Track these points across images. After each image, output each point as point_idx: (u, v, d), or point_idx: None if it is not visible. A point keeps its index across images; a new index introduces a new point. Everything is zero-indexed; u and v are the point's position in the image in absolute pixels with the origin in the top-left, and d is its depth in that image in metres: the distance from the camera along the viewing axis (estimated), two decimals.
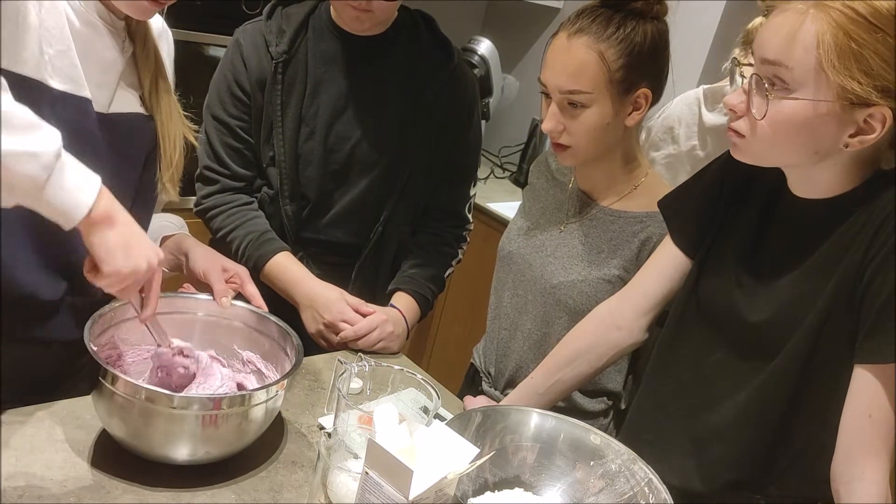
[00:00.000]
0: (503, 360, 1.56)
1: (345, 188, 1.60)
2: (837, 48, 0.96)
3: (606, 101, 1.34)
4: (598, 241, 1.44)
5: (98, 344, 1.11)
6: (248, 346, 1.29)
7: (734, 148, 1.10)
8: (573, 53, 1.32)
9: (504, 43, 3.16)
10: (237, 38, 1.58)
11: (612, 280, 1.41)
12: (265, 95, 1.55)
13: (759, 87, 1.02)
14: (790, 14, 0.99)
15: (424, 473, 0.89)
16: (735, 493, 1.18)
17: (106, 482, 1.04)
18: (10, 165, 0.87)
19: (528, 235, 1.53)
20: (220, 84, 1.58)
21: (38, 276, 1.13)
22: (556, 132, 1.37)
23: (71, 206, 0.93)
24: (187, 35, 2.36)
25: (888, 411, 1.02)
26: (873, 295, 1.01)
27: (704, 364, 1.20)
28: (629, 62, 1.32)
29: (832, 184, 1.07)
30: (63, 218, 0.94)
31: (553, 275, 1.46)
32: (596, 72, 1.31)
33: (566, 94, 1.34)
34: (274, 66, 1.53)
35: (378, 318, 1.54)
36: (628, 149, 1.45)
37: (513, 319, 1.54)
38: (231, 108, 1.57)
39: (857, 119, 0.99)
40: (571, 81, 1.33)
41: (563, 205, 1.51)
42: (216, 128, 1.58)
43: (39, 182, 0.90)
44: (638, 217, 1.43)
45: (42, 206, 0.92)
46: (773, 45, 1.00)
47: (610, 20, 1.32)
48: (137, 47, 1.18)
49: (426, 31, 1.62)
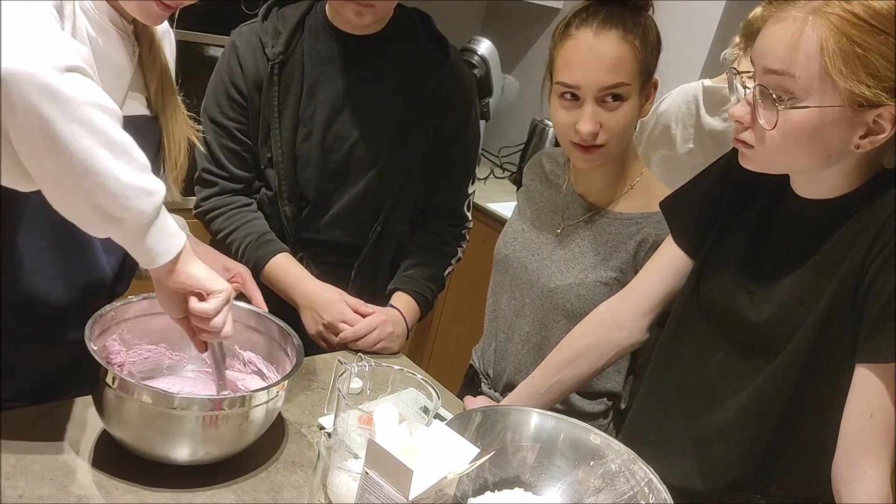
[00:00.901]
0: (501, 362, 1.56)
1: (343, 188, 1.60)
2: (842, 54, 0.95)
3: (636, 94, 1.34)
4: (595, 243, 1.44)
5: (98, 344, 1.11)
6: (248, 347, 1.28)
7: (743, 157, 1.09)
8: (607, 48, 1.30)
9: (504, 43, 3.16)
10: (233, 40, 1.58)
11: (609, 282, 1.41)
12: (262, 97, 1.54)
13: (765, 98, 1.01)
14: (789, 22, 0.98)
15: (424, 473, 0.89)
16: (736, 493, 1.17)
17: (106, 482, 1.04)
18: (129, 196, 0.90)
19: (524, 239, 1.53)
20: (216, 87, 1.58)
21: (53, 281, 1.15)
22: (594, 133, 1.33)
23: (163, 249, 0.98)
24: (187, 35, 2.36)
25: (889, 411, 1.02)
26: (875, 295, 1.01)
27: (705, 364, 1.20)
28: (648, 54, 1.33)
29: (836, 184, 1.07)
30: (149, 257, 0.98)
31: (550, 278, 1.45)
32: (632, 63, 1.31)
33: (608, 89, 1.31)
34: (270, 67, 1.53)
35: (378, 319, 1.54)
36: (626, 150, 1.44)
37: (510, 323, 1.54)
38: (228, 111, 1.57)
39: (867, 120, 0.98)
40: (612, 76, 1.30)
41: (557, 207, 1.51)
42: (214, 130, 1.58)
43: (148, 220, 0.94)
44: (633, 218, 1.42)
45: (136, 243, 0.96)
46: (774, 54, 0.99)
47: (624, 14, 1.32)
48: (143, 50, 1.18)
49: (422, 29, 1.62)
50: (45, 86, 0.83)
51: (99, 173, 0.88)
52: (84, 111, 0.86)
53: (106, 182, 0.89)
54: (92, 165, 0.87)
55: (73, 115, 0.85)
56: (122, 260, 1.24)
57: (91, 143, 0.87)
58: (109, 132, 0.89)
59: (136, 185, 0.91)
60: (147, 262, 0.99)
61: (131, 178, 0.90)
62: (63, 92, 0.84)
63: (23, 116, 0.83)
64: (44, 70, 0.83)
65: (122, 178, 0.90)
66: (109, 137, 0.89)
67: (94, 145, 0.87)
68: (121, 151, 0.90)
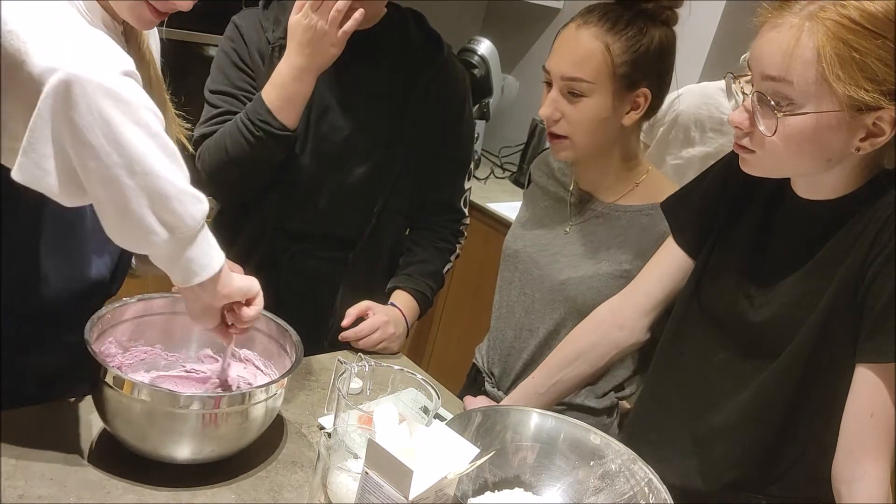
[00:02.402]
0: (508, 359, 1.56)
1: (336, 179, 1.60)
2: (840, 59, 0.94)
3: (606, 95, 1.34)
4: (606, 237, 1.44)
5: (96, 346, 1.11)
6: (246, 345, 1.28)
7: (744, 162, 1.09)
8: (580, 42, 1.34)
9: (504, 43, 3.15)
10: (235, 21, 1.59)
11: (624, 275, 1.41)
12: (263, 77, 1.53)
13: (763, 105, 1.01)
14: (785, 28, 0.98)
15: (424, 473, 0.89)
16: (737, 493, 1.17)
17: (106, 482, 1.04)
18: (184, 202, 0.91)
19: (533, 235, 1.53)
20: (222, 61, 1.57)
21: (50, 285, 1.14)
22: (553, 119, 1.38)
23: (207, 262, 0.98)
24: (187, 35, 2.36)
25: (889, 411, 1.02)
26: (875, 295, 1.01)
27: (706, 364, 1.20)
28: (634, 60, 1.33)
29: (837, 185, 1.07)
30: (191, 271, 0.97)
31: (561, 272, 1.46)
32: (599, 62, 1.33)
33: (568, 80, 1.35)
34: (270, 49, 1.54)
35: (379, 320, 1.54)
36: (627, 148, 1.45)
37: (520, 318, 1.53)
38: (237, 80, 1.55)
39: (867, 123, 0.98)
40: (574, 69, 1.34)
41: (565, 204, 1.51)
42: (221, 100, 1.55)
43: (196, 228, 0.94)
44: (643, 210, 1.43)
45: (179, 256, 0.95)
46: (771, 61, 0.99)
47: (620, 17, 1.34)
48: (132, 49, 1.18)
49: (415, 27, 1.63)
50: (109, 88, 0.85)
51: (158, 175, 0.89)
52: (142, 114, 0.88)
53: (163, 185, 0.90)
54: (151, 166, 0.88)
55: (134, 117, 0.87)
56: (117, 260, 1.24)
57: (150, 145, 0.88)
58: (163, 137, 0.90)
59: (189, 191, 0.92)
60: (188, 276, 0.98)
61: (183, 182, 0.92)
62: (125, 95, 0.86)
63: (87, 118, 0.84)
64: (108, 73, 0.85)
65: (176, 182, 0.91)
66: (164, 141, 0.90)
67: (153, 147, 0.89)
68: (174, 157, 0.91)
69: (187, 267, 0.97)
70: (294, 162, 1.58)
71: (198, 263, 0.97)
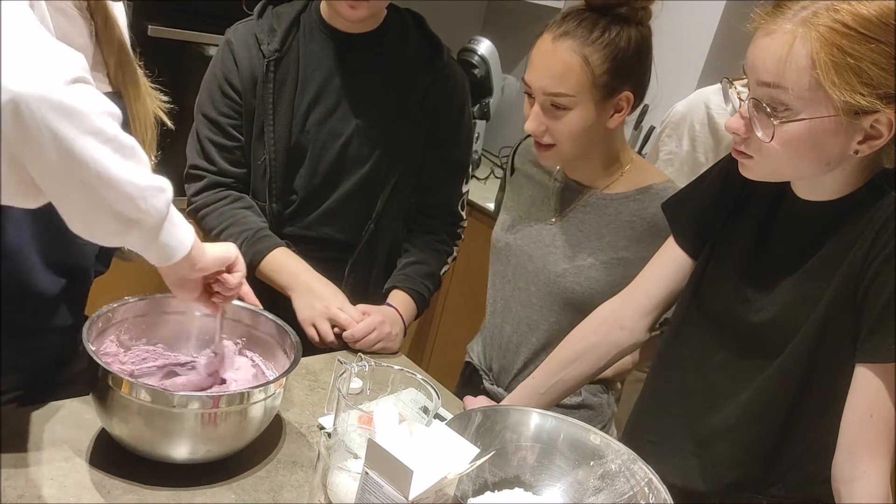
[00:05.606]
0: (507, 354, 1.56)
1: (335, 185, 1.60)
2: (834, 65, 0.94)
3: (589, 104, 1.34)
4: (596, 225, 1.44)
5: (96, 345, 1.11)
6: (245, 345, 1.28)
7: (743, 167, 1.09)
8: (558, 56, 1.33)
9: (504, 43, 3.16)
10: (228, 37, 1.58)
11: (620, 262, 1.41)
12: (257, 94, 1.55)
13: (759, 111, 1.01)
14: (778, 35, 0.98)
15: (424, 473, 0.89)
16: (737, 494, 1.17)
17: (106, 482, 1.04)
18: (146, 197, 0.90)
19: (522, 226, 1.53)
20: (210, 83, 1.58)
21: (41, 272, 1.14)
22: (539, 133, 1.38)
23: (178, 243, 0.98)
24: (187, 35, 2.36)
25: (889, 410, 1.02)
26: (875, 295, 1.01)
27: (707, 364, 1.20)
28: (613, 67, 1.32)
29: (836, 186, 1.07)
30: (166, 254, 0.97)
31: (556, 263, 1.45)
32: (580, 76, 1.32)
33: (549, 95, 1.34)
34: (266, 64, 1.54)
35: (376, 320, 1.54)
36: (611, 148, 1.45)
37: (517, 313, 1.53)
38: (222, 107, 1.57)
39: (864, 126, 0.98)
40: (555, 84, 1.33)
41: (550, 193, 1.51)
42: (207, 126, 1.58)
43: (163, 217, 0.93)
44: (630, 195, 1.43)
45: (152, 242, 0.95)
46: (765, 68, 0.99)
47: (595, 24, 1.32)
48: (98, 25, 1.14)
49: (415, 29, 1.63)
50: (57, 103, 0.81)
51: (119, 180, 0.87)
52: (95, 121, 0.85)
53: (124, 188, 0.88)
54: (109, 175, 0.87)
55: (87, 127, 0.84)
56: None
57: (105, 152, 0.86)
58: (120, 137, 0.88)
59: (151, 184, 0.91)
60: (164, 258, 0.98)
61: (144, 178, 0.90)
62: (74, 107, 0.83)
63: (36, 136, 0.81)
64: (52, 87, 0.81)
65: (136, 181, 0.89)
66: (120, 142, 0.88)
67: (108, 153, 0.87)
68: (131, 154, 0.90)
69: (161, 250, 0.97)
70: (293, 166, 1.58)
71: (170, 246, 0.97)
